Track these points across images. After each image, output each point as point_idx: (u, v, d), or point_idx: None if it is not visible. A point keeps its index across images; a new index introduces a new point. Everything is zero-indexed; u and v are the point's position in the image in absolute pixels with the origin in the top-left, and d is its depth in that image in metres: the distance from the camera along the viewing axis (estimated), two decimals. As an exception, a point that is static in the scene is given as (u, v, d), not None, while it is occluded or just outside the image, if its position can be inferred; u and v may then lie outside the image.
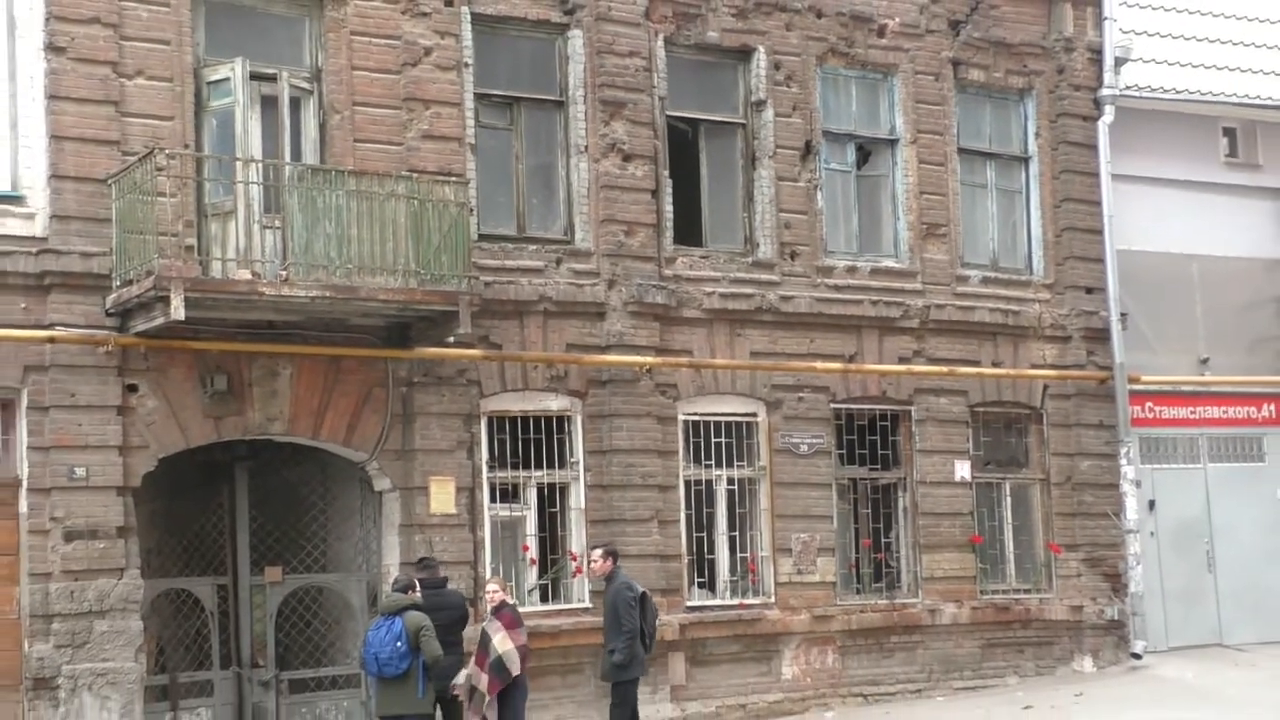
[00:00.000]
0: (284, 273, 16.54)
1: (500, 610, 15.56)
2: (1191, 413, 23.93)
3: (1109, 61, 23.07)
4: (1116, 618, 22.50)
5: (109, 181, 16.54)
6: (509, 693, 15.37)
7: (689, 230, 20.53)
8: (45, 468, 16.24)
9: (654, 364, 19.56)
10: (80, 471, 16.27)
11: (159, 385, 16.84)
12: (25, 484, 16.26)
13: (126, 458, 16.60)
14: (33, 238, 16.44)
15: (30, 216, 16.51)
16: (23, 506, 16.25)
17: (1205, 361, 23.90)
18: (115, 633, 16.30)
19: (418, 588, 16.04)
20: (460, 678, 15.57)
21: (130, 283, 16.15)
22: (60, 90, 16.62)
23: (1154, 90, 23.48)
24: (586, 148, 19.67)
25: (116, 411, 16.58)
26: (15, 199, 16.51)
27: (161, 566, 17.66)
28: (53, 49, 16.62)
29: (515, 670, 15.26)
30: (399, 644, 14.88)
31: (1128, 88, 23.17)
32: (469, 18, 18.97)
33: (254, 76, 17.49)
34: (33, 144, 16.62)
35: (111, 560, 16.38)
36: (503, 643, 15.28)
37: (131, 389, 16.71)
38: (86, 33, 16.75)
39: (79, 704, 16.02)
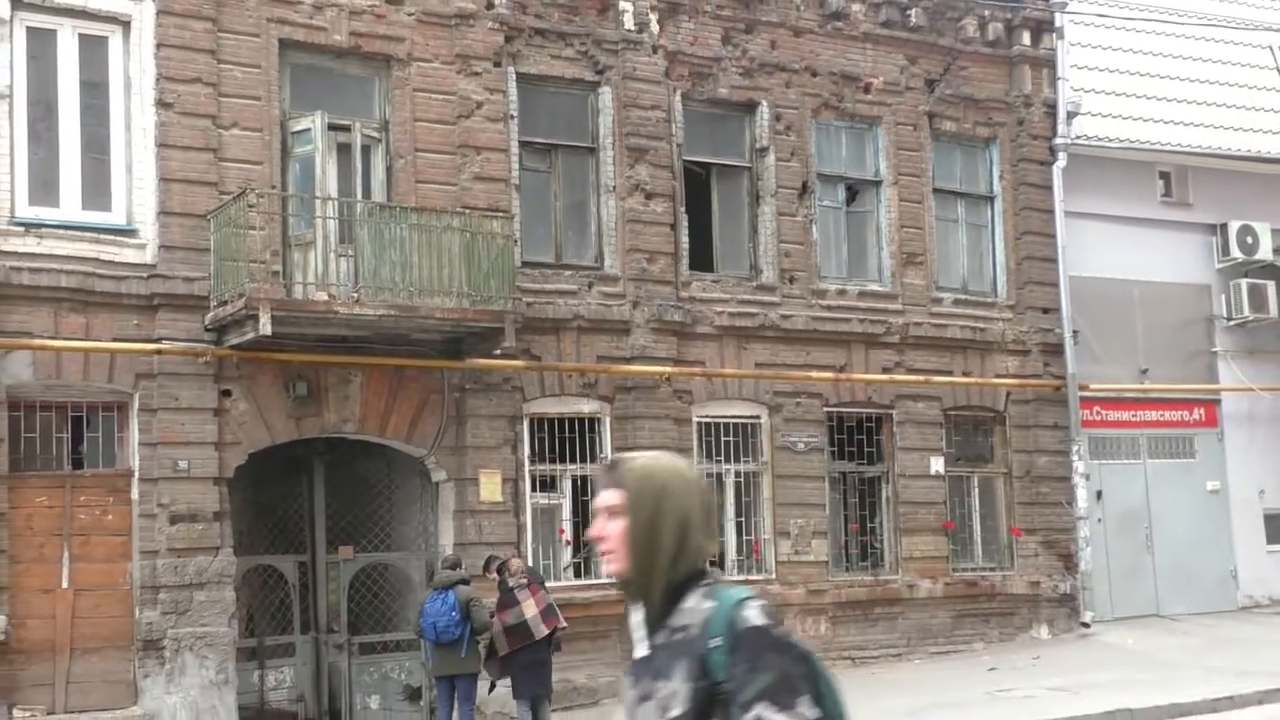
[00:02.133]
0: (355, 295, 16.70)
1: (506, 589, 15.39)
2: (1133, 416, 23.92)
3: (1062, 115, 23.09)
4: (1069, 592, 22.52)
5: (208, 217, 16.72)
6: (508, 661, 15.25)
7: (702, 258, 20.59)
8: (153, 461, 16.44)
9: (672, 373, 19.63)
10: (183, 464, 16.50)
11: (249, 391, 17.03)
12: (136, 474, 16.49)
13: (222, 453, 16.79)
14: (144, 264, 16.69)
15: (142, 247, 16.75)
16: (134, 494, 16.48)
17: (1145, 372, 23.85)
18: (212, 602, 16.50)
19: (463, 565, 16.22)
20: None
21: (225, 303, 16.31)
22: (168, 139, 16.82)
23: (1101, 139, 23.48)
24: (614, 187, 19.77)
25: (213, 413, 16.78)
26: (130, 232, 16.75)
27: (251, 545, 17.70)
28: (162, 104, 16.83)
29: (501, 650, 15.16)
30: (454, 614, 15.05)
31: (1078, 137, 23.17)
32: (514, 76, 19.11)
33: (331, 127, 17.66)
34: (144, 185, 16.81)
35: (209, 540, 16.58)
36: (496, 620, 15.21)
37: (226, 394, 16.89)
38: (190, 90, 16.94)
39: (182, 662, 16.22)
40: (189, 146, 16.91)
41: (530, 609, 15.20)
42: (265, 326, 15.83)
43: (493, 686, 15.68)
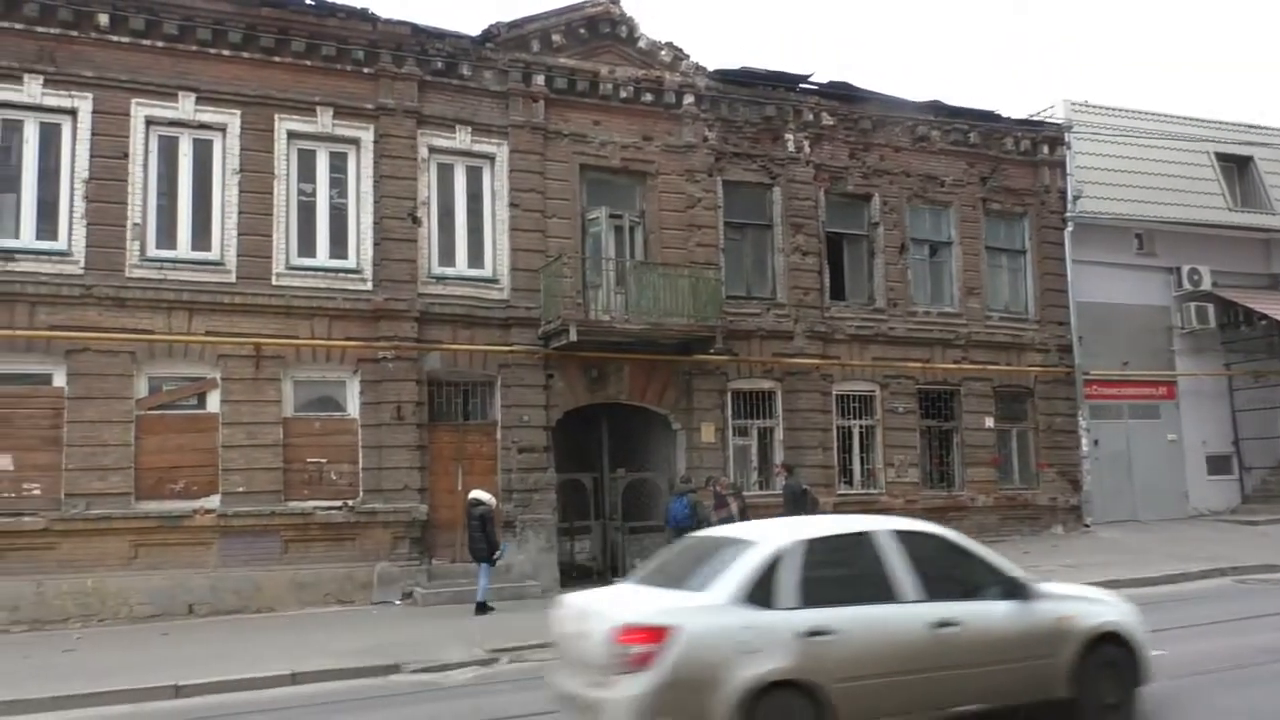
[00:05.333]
0: (626, 317, 16.70)
1: (719, 497, 15.16)
2: (1118, 392, 22.34)
3: (1070, 198, 21.80)
4: (1076, 504, 21.18)
5: (539, 271, 16.84)
6: None
7: (837, 291, 19.86)
8: (509, 415, 16.67)
9: (819, 365, 19.08)
10: (526, 418, 16.68)
11: (563, 374, 17.07)
12: (499, 423, 16.70)
13: (548, 411, 16.90)
14: (502, 300, 16.89)
15: (501, 289, 16.94)
16: (498, 435, 16.69)
17: (1126, 363, 22.38)
18: (543, 500, 16.66)
19: (691, 480, 16.00)
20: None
21: (550, 323, 16.47)
22: (516, 226, 17.03)
23: (1096, 213, 22.08)
24: (782, 248, 19.27)
25: (542, 388, 16.89)
26: (494, 281, 16.96)
27: (564, 466, 17.67)
28: (512, 205, 17.06)
29: None
30: (687, 511, 14.84)
31: (1081, 213, 21.86)
32: (721, 183, 18.80)
33: (611, 216, 17.73)
34: (502, 252, 17.03)
35: (540, 463, 16.71)
36: (713, 516, 14.93)
37: (549, 376, 16.98)
38: (528, 196, 17.14)
39: (526, 535, 16.43)
40: (528, 230, 17.09)
41: (734, 508, 15.08)
42: (573, 336, 16.00)
43: None
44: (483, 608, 14.18)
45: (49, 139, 14.72)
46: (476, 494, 14.58)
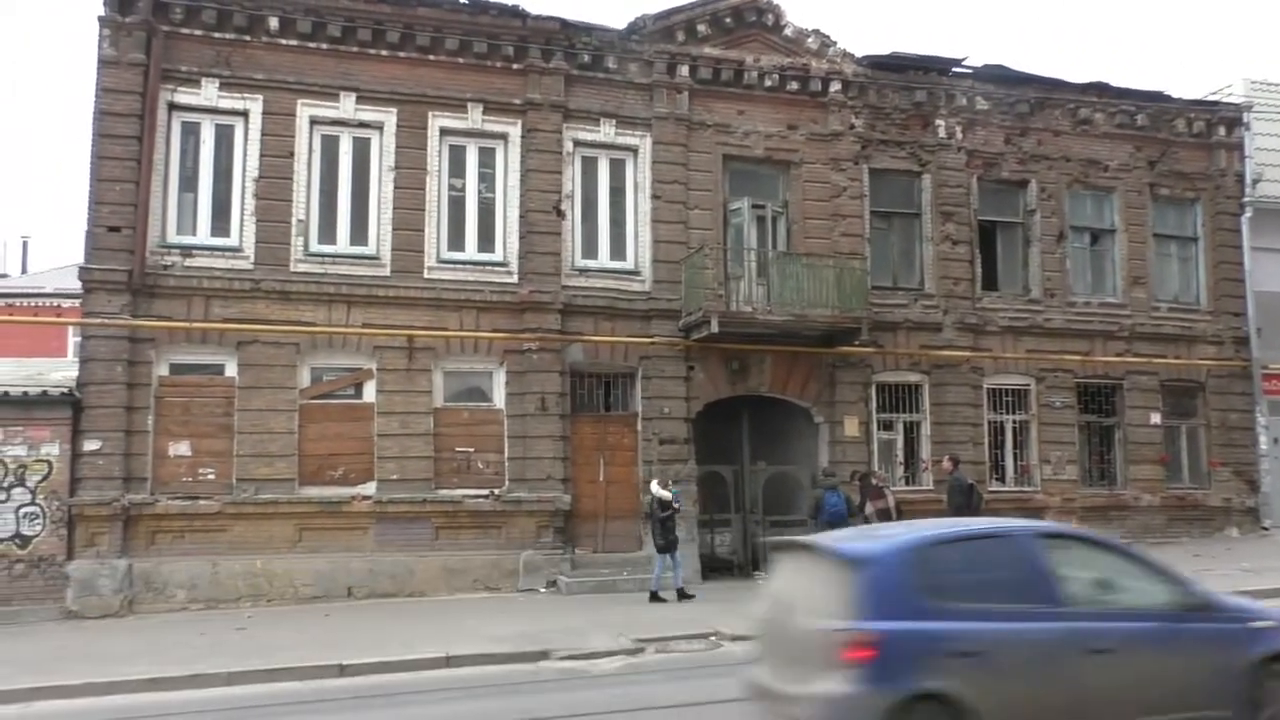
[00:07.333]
0: (768, 308, 16.38)
1: (874, 488, 14.81)
2: (1302, 387, 20.79)
3: (1249, 182, 20.21)
4: (1253, 506, 19.64)
5: (680, 262, 16.72)
6: None
7: (990, 281, 19.00)
8: (649, 407, 16.58)
9: (970, 357, 18.29)
10: (666, 409, 16.58)
11: (704, 366, 16.90)
12: (640, 415, 16.64)
13: (688, 403, 16.76)
14: (643, 292, 16.82)
15: (643, 281, 16.88)
16: (639, 426, 16.64)
17: (1312, 357, 20.71)
18: (683, 492, 16.30)
19: (835, 474, 15.62)
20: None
21: (691, 314, 16.31)
22: (657, 217, 16.94)
23: (1277, 198, 20.39)
24: (931, 237, 18.55)
25: (683, 380, 16.77)
26: (635, 273, 16.91)
27: (704, 458, 17.44)
28: (654, 197, 16.96)
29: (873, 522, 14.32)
30: (844, 504, 14.43)
31: (1260, 197, 20.22)
32: (867, 171, 18.23)
33: (753, 206, 17.40)
34: (644, 245, 16.96)
35: (681, 455, 16.59)
36: (867, 507, 14.52)
37: (690, 368, 16.83)
38: (670, 189, 17.02)
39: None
40: (669, 221, 16.98)
41: (891, 500, 14.66)
42: (714, 327, 15.82)
43: None
44: (680, 596, 14.40)
45: (222, 140, 15.52)
46: (651, 486, 14.94)
